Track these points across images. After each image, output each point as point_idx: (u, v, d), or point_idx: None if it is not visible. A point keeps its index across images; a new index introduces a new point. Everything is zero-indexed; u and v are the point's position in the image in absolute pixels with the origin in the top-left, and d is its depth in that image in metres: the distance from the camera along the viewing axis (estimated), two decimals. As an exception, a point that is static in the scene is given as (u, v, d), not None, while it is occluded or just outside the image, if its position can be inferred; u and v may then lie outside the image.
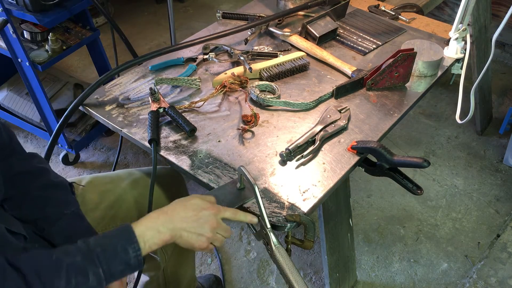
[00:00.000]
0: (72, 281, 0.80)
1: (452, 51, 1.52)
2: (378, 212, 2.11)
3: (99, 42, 2.15)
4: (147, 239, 0.88)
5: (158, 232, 0.90)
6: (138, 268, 0.88)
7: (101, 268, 0.83)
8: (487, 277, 1.79)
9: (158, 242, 0.90)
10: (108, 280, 0.84)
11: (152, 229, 0.90)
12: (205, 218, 0.95)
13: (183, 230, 0.92)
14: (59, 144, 2.27)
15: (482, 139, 2.46)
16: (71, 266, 0.81)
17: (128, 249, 0.85)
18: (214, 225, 0.95)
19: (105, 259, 0.83)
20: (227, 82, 1.37)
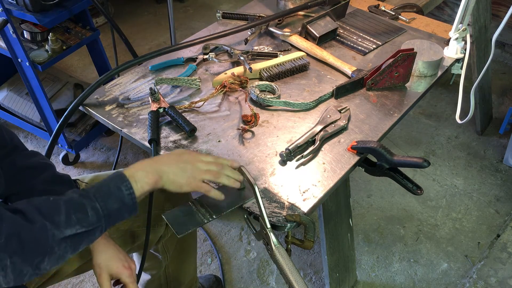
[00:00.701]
0: (72, 217, 0.83)
1: (452, 51, 1.52)
2: (378, 212, 2.11)
3: (99, 42, 2.15)
4: (137, 179, 0.93)
5: (146, 172, 0.95)
6: (133, 208, 0.92)
7: (97, 203, 0.87)
8: (487, 277, 1.79)
9: (148, 181, 0.94)
10: (107, 219, 0.88)
11: (140, 170, 0.95)
12: (185, 158, 1.02)
13: (168, 171, 0.98)
14: (59, 144, 2.27)
15: (482, 139, 2.46)
16: (69, 203, 0.85)
17: (121, 186, 0.90)
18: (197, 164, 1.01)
19: (101, 196, 0.88)
20: (227, 82, 1.37)
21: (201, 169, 1.01)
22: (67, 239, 0.83)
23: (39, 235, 0.80)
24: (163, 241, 1.38)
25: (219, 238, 2.01)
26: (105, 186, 0.91)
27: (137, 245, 1.29)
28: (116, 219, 0.91)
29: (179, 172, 0.99)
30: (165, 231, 1.33)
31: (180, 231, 1.00)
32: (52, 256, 0.82)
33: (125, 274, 1.06)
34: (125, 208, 0.91)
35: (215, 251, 1.96)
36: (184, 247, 1.49)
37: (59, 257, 0.84)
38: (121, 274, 1.06)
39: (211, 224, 2.06)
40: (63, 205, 0.84)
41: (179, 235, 1.00)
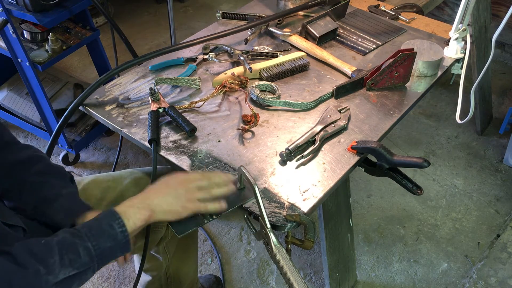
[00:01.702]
0: (65, 258, 0.82)
1: (452, 51, 1.52)
2: (378, 212, 2.11)
3: (99, 42, 2.15)
4: (129, 215, 0.92)
5: (138, 208, 0.95)
6: (126, 246, 0.91)
7: (90, 243, 0.86)
8: (487, 277, 1.79)
9: (140, 217, 0.94)
10: (100, 259, 0.87)
11: (132, 207, 0.95)
12: (174, 184, 1.01)
13: (161, 202, 0.98)
14: (59, 144, 2.27)
15: (482, 139, 2.47)
16: (61, 243, 0.84)
17: (113, 224, 0.90)
18: (187, 186, 1.01)
19: (93, 236, 0.87)
20: (227, 82, 1.37)
21: (192, 189, 1.01)
22: (59, 283, 0.82)
23: (32, 282, 0.79)
24: (164, 242, 1.37)
25: (219, 238, 2.01)
26: (97, 224, 0.90)
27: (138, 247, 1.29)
28: (109, 258, 0.90)
29: (172, 200, 0.98)
30: (166, 233, 1.33)
31: (180, 231, 1.00)
32: None
33: None
34: (118, 246, 0.90)
35: (215, 251, 1.96)
36: (185, 248, 1.49)
37: None
38: None
39: (211, 224, 2.06)
40: (56, 246, 0.83)
41: (179, 235, 0.99)
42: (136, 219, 0.93)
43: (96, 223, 0.90)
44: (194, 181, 1.02)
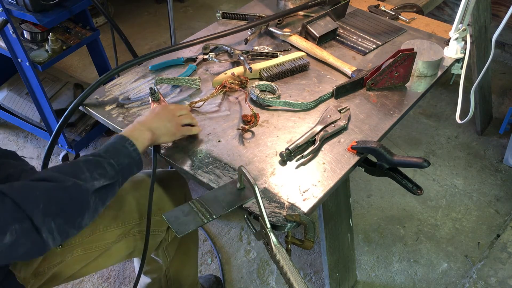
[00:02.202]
0: (94, 173, 0.92)
1: (452, 51, 1.52)
2: (378, 212, 2.11)
3: (99, 42, 2.15)
4: (136, 136, 1.05)
5: (140, 130, 1.08)
6: (140, 163, 1.04)
7: (112, 160, 0.97)
8: (487, 277, 1.79)
9: (145, 137, 1.07)
10: (122, 173, 0.99)
11: (135, 130, 1.08)
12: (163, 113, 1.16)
13: (158, 126, 1.12)
14: (59, 144, 2.27)
15: (482, 139, 2.47)
16: (87, 162, 0.94)
17: (125, 144, 1.01)
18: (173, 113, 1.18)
19: (111, 155, 0.98)
20: (227, 82, 1.37)
21: (177, 116, 1.18)
22: (96, 192, 0.92)
23: (75, 193, 0.88)
24: (164, 246, 1.37)
25: (219, 238, 2.01)
26: (111, 146, 1.00)
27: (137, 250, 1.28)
28: (129, 173, 1.02)
29: (167, 124, 1.13)
30: (166, 236, 1.33)
31: (180, 231, 1.00)
32: (89, 210, 0.90)
33: None
34: (133, 163, 1.02)
35: (215, 251, 1.96)
36: (185, 251, 1.48)
37: (94, 211, 0.92)
38: None
39: (211, 224, 2.06)
40: (83, 165, 0.93)
41: (179, 235, 0.99)
42: (143, 139, 1.06)
43: (111, 146, 1.01)
44: (177, 110, 1.19)
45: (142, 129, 1.09)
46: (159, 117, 1.14)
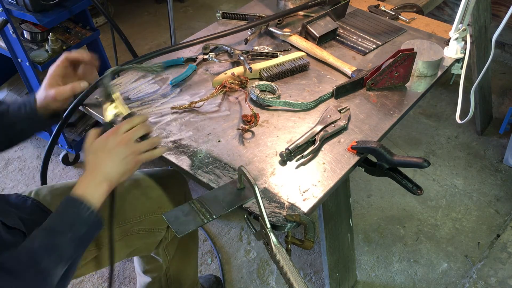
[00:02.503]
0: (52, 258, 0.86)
1: (452, 51, 1.52)
2: (378, 212, 2.11)
3: (99, 42, 2.15)
4: (91, 195, 0.93)
5: (95, 184, 0.95)
6: (99, 223, 0.95)
7: (67, 236, 0.88)
8: (487, 277, 1.79)
9: (101, 191, 0.95)
10: (81, 245, 0.93)
11: (88, 186, 0.95)
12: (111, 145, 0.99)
13: (112, 169, 0.98)
14: (59, 144, 2.27)
15: (482, 139, 2.47)
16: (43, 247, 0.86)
17: (79, 211, 0.91)
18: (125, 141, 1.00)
19: (66, 228, 0.89)
20: (227, 82, 1.37)
21: (131, 143, 1.00)
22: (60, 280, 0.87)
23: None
24: (164, 244, 1.37)
25: (219, 238, 2.01)
26: (65, 216, 0.91)
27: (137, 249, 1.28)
28: (88, 240, 0.94)
29: (120, 160, 0.98)
30: (166, 235, 1.33)
31: (180, 231, 1.00)
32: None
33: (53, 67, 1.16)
34: (92, 228, 0.93)
35: (215, 251, 1.96)
36: (185, 250, 1.48)
37: None
38: None
39: (211, 224, 2.06)
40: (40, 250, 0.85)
41: (179, 235, 0.99)
42: (98, 195, 0.94)
43: (64, 215, 0.91)
44: (129, 135, 1.01)
45: (96, 181, 0.95)
46: (112, 155, 0.98)
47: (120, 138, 0.99)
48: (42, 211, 1.15)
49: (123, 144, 0.99)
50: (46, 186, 1.25)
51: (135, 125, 1.02)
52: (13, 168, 2.35)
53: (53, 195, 1.20)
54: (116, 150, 0.98)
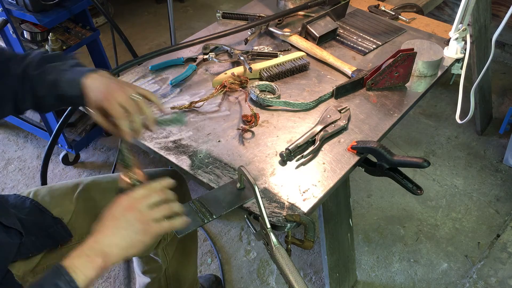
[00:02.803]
0: None
1: (452, 51, 1.52)
2: (378, 212, 2.11)
3: (99, 42, 2.15)
4: (78, 267, 0.79)
5: (87, 256, 0.81)
6: None
7: None
8: (487, 277, 1.79)
9: (92, 265, 0.80)
10: None
11: (80, 256, 0.81)
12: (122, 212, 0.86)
13: (113, 242, 0.83)
14: (59, 144, 2.27)
15: (482, 139, 2.46)
16: None
17: (58, 283, 0.77)
18: (136, 207, 0.85)
19: None
20: (227, 82, 1.37)
21: (144, 209, 0.85)
22: None
23: None
24: (163, 245, 1.37)
25: (219, 238, 2.01)
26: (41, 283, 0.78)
27: None
28: None
29: (126, 231, 0.83)
30: (165, 235, 1.33)
31: (180, 231, 1.00)
32: None
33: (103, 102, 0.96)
34: None
35: (215, 251, 1.96)
36: (184, 250, 1.48)
37: None
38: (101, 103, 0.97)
39: (211, 224, 2.06)
40: None
41: (179, 235, 0.99)
42: (87, 269, 0.79)
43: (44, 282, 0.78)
44: (141, 200, 0.87)
45: (89, 253, 0.81)
46: (117, 223, 0.84)
47: (129, 203, 0.86)
48: (40, 211, 1.15)
49: (132, 210, 0.85)
50: (45, 186, 1.24)
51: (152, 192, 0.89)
52: (13, 168, 2.35)
53: (52, 195, 1.20)
54: (122, 218, 0.84)
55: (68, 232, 1.14)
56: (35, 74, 1.01)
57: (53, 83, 1.00)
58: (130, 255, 0.84)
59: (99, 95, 0.97)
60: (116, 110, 0.95)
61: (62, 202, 1.19)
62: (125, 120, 0.95)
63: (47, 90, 1.01)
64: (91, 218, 1.17)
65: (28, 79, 1.01)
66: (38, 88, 1.02)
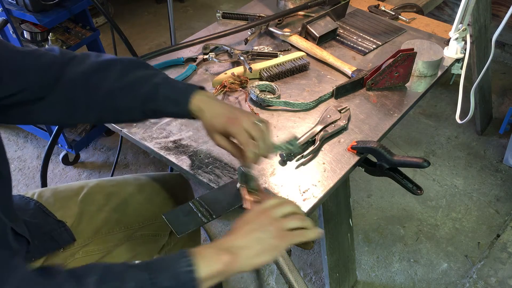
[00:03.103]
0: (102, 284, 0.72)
1: (452, 51, 1.52)
2: (378, 212, 2.11)
3: (99, 42, 2.15)
4: (204, 256, 0.77)
5: (217, 249, 0.79)
6: None
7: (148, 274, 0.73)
8: (487, 277, 1.79)
9: (219, 259, 0.78)
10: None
11: (210, 248, 0.80)
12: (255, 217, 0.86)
13: (246, 244, 0.81)
14: (59, 144, 2.27)
15: (482, 139, 2.47)
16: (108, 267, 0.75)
17: (180, 261, 0.75)
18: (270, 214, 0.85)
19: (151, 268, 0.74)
20: (227, 82, 1.37)
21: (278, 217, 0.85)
22: None
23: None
24: (166, 249, 1.37)
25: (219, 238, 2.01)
26: (161, 259, 0.77)
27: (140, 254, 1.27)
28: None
29: (260, 235, 0.82)
30: (169, 240, 1.33)
31: (180, 231, 1.00)
32: None
33: (230, 126, 0.94)
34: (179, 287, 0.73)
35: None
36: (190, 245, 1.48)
37: None
38: (226, 128, 0.95)
39: (211, 224, 2.06)
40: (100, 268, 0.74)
41: (179, 235, 0.99)
42: (213, 261, 0.77)
43: (164, 258, 0.77)
44: (274, 208, 0.86)
45: (220, 247, 0.80)
46: (253, 228, 0.82)
47: (262, 209, 0.87)
48: (44, 214, 1.14)
49: (265, 215, 0.85)
50: (49, 188, 1.24)
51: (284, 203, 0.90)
52: (13, 168, 2.35)
53: (56, 197, 1.19)
54: (257, 222, 0.84)
55: (72, 236, 1.13)
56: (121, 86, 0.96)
57: (146, 97, 0.96)
58: (262, 261, 0.81)
59: (222, 119, 0.95)
60: (244, 136, 0.94)
61: (66, 204, 1.18)
62: (251, 146, 0.94)
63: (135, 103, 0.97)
64: (95, 222, 1.17)
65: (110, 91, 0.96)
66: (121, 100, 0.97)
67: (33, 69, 0.92)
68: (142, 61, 1.04)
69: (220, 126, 0.95)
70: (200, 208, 1.04)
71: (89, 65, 0.97)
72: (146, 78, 0.98)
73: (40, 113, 0.96)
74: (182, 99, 0.96)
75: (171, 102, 0.96)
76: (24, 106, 0.94)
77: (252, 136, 0.94)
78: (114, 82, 0.96)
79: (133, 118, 1.03)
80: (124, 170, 2.34)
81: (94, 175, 2.32)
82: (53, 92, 0.94)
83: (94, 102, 0.97)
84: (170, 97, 0.96)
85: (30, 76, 0.91)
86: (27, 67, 0.91)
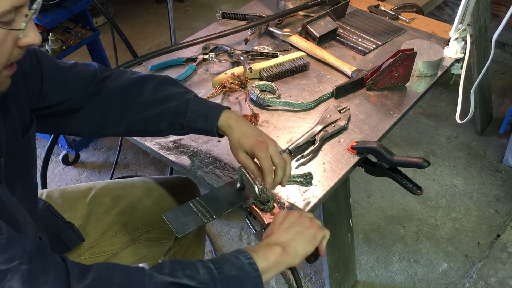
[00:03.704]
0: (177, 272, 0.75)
1: (452, 51, 1.52)
2: (378, 212, 2.11)
3: (99, 42, 2.15)
4: (258, 251, 0.84)
5: (267, 245, 0.87)
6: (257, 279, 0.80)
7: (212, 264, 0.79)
8: (487, 277, 1.79)
9: (271, 251, 0.85)
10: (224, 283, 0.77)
11: (260, 245, 0.87)
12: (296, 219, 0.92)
13: (289, 239, 0.88)
14: (59, 144, 2.27)
15: (482, 139, 2.46)
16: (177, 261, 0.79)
17: (239, 256, 0.81)
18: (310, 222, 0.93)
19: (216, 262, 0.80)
20: (227, 82, 1.37)
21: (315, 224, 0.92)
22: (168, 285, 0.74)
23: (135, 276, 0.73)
24: (172, 252, 1.37)
25: (219, 238, 2.01)
26: (222, 256, 0.82)
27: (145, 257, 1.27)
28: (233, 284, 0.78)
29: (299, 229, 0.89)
30: (174, 243, 1.33)
31: (180, 231, 1.00)
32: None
33: (258, 149, 0.99)
34: (246, 277, 0.79)
35: (214, 252, 1.96)
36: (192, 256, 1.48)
37: None
38: (253, 149, 0.99)
39: (211, 224, 2.06)
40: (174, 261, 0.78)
41: (179, 235, 0.99)
42: (267, 253, 0.84)
43: (222, 255, 0.83)
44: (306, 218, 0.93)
45: (269, 243, 0.87)
46: (286, 227, 0.90)
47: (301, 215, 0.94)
48: (53, 215, 1.14)
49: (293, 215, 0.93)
50: (57, 188, 1.24)
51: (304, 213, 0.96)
52: (13, 168, 2.35)
53: (64, 199, 1.20)
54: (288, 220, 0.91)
55: (80, 236, 1.14)
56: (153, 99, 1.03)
57: (176, 111, 1.02)
58: (307, 251, 0.89)
59: (251, 139, 1.00)
60: (268, 162, 0.99)
61: (74, 206, 1.18)
62: (272, 174, 0.99)
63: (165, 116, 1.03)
64: (102, 224, 1.17)
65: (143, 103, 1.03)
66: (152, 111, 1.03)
67: (74, 83, 1.00)
68: (175, 80, 1.11)
69: (248, 146, 1.00)
70: (200, 208, 1.04)
71: (126, 81, 1.04)
72: (178, 94, 1.04)
73: (72, 124, 1.04)
74: (211, 115, 1.02)
75: (200, 118, 1.02)
76: (60, 117, 1.02)
77: (274, 163, 0.98)
78: (148, 96, 1.03)
79: (160, 129, 1.07)
80: (124, 170, 2.34)
81: (94, 175, 2.32)
82: (89, 104, 1.02)
83: (126, 114, 1.04)
84: (200, 113, 1.02)
85: (71, 89, 1.00)
86: (70, 80, 0.99)
